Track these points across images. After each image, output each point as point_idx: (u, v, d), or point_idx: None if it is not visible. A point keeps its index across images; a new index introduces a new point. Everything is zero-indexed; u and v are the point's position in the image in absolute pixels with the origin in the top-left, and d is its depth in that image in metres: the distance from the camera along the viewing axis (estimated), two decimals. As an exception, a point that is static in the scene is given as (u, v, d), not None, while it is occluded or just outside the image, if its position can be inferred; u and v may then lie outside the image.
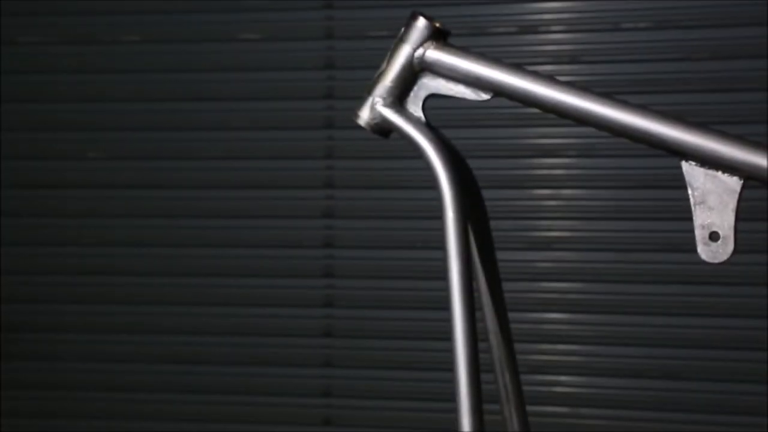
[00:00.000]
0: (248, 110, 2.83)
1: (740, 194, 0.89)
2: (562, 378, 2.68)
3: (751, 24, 2.56)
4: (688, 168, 0.90)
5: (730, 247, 0.89)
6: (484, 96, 0.97)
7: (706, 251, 0.90)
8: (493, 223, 1.08)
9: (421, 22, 0.97)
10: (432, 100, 0.98)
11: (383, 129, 0.98)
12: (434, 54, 0.97)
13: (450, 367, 0.91)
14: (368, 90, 0.99)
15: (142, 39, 2.89)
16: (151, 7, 2.88)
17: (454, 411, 0.90)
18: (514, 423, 1.11)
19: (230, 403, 2.84)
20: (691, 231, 0.89)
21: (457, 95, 0.97)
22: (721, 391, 2.59)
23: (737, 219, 0.89)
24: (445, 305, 0.91)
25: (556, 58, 2.68)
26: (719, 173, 0.89)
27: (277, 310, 2.82)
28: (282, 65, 2.82)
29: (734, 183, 0.89)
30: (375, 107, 0.98)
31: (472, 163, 1.04)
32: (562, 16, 2.67)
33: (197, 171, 2.86)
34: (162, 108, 2.87)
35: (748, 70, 2.57)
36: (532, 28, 2.70)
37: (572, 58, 2.68)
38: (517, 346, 1.11)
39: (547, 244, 2.69)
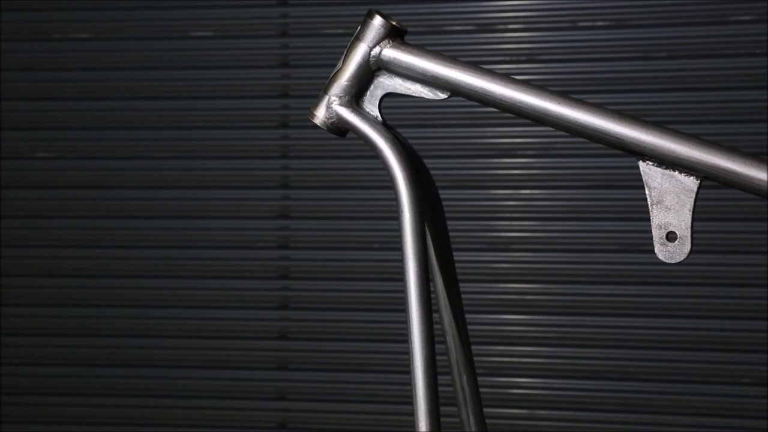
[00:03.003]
0: (201, 109, 2.81)
1: (697, 194, 0.89)
2: (520, 380, 2.68)
3: (708, 23, 2.58)
4: (645, 168, 0.90)
5: (687, 247, 0.89)
6: (441, 95, 0.96)
7: (663, 251, 0.89)
8: (450, 224, 1.07)
9: (377, 21, 0.96)
10: (389, 99, 0.97)
11: (339, 128, 0.97)
12: (391, 52, 0.96)
13: (407, 369, 0.90)
14: (324, 89, 0.97)
15: (92, 36, 2.86)
16: (101, 4, 2.84)
17: (411, 413, 0.89)
18: (471, 425, 1.10)
19: (185, 406, 2.81)
20: (649, 231, 0.89)
21: (414, 94, 0.97)
22: (678, 392, 2.60)
23: (694, 219, 0.89)
24: (402, 307, 0.90)
25: (514, 57, 2.68)
26: (676, 173, 0.89)
27: (231, 312, 2.80)
28: (236, 63, 2.80)
29: (691, 183, 0.89)
30: (331, 106, 0.97)
31: (429, 163, 1.03)
32: (519, 15, 2.68)
33: (149, 171, 2.83)
34: (113, 106, 2.84)
35: (706, 69, 2.58)
36: (490, 27, 2.70)
37: (530, 57, 2.68)
38: (475, 348, 1.11)
39: (505, 245, 2.69)
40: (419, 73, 0.95)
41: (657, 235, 0.89)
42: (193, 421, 2.81)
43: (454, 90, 0.95)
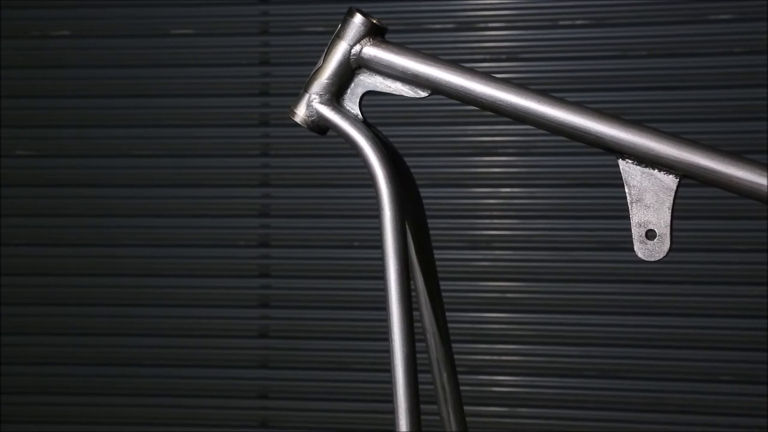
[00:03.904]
0: (182, 107, 2.80)
1: (676, 192, 0.89)
2: (501, 378, 2.68)
3: (687, 22, 2.59)
4: (625, 166, 0.90)
5: (667, 245, 0.89)
6: (422, 93, 0.96)
7: (642, 249, 0.90)
8: (430, 222, 1.07)
9: (357, 19, 0.96)
10: (369, 97, 0.97)
11: (320, 126, 0.97)
12: (371, 51, 0.96)
13: (387, 367, 0.90)
14: (304, 87, 0.97)
15: (72, 34, 2.85)
16: (81, 2, 2.83)
17: (392, 412, 0.89)
18: (451, 423, 1.10)
19: (165, 405, 2.80)
20: (629, 229, 0.89)
21: (395, 92, 0.97)
22: (658, 389, 2.61)
23: (673, 217, 0.89)
24: (383, 305, 0.90)
25: (494, 55, 2.68)
26: (655, 171, 0.89)
27: (212, 311, 2.79)
28: (216, 61, 2.79)
29: (670, 181, 0.89)
30: (311, 104, 0.97)
31: (409, 161, 1.03)
32: (499, 13, 2.68)
33: (130, 169, 2.82)
34: (93, 104, 2.83)
35: (685, 67, 2.59)
36: (470, 25, 2.70)
37: (510, 55, 2.68)
38: (455, 346, 1.11)
39: (486, 243, 2.70)
40: (399, 71, 0.95)
41: (636, 233, 0.90)
42: (173, 420, 2.80)
43: (435, 88, 0.95)
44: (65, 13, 2.84)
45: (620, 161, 0.90)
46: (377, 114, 1.00)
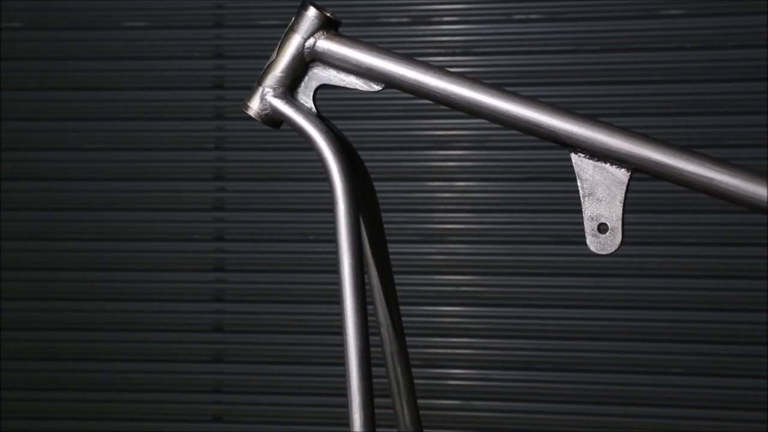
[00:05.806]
0: (135, 100, 2.78)
1: (628, 186, 0.90)
2: (454, 371, 2.69)
3: (640, 17, 2.61)
4: (578, 160, 0.91)
5: (618, 238, 0.90)
6: (376, 87, 0.96)
7: (594, 243, 0.90)
8: (385, 216, 1.07)
9: (311, 12, 0.96)
10: (323, 90, 0.97)
11: (274, 120, 0.97)
12: (325, 44, 0.96)
13: (342, 361, 0.90)
14: (258, 80, 0.97)
15: (24, 25, 2.82)
16: (33, -7, 2.81)
17: (346, 406, 0.89)
18: (405, 417, 1.11)
19: (119, 400, 2.79)
20: (582, 223, 0.90)
21: (349, 86, 0.96)
22: (610, 382, 2.63)
23: (625, 211, 0.90)
24: (337, 299, 0.90)
25: (449, 49, 2.69)
26: (607, 165, 0.90)
27: (165, 305, 2.78)
28: (170, 54, 2.77)
29: (622, 175, 0.90)
30: (265, 98, 0.97)
31: (363, 155, 1.03)
32: (454, 7, 2.69)
33: (83, 162, 2.79)
34: (45, 97, 2.80)
35: (637, 62, 2.61)
36: (425, 19, 2.70)
37: (464, 49, 2.69)
38: (409, 340, 1.11)
39: (440, 237, 2.70)
40: (353, 64, 0.95)
41: (588, 226, 0.90)
42: (127, 414, 2.78)
43: (388, 82, 0.95)
44: (17, 4, 2.80)
45: (573, 155, 0.91)
46: (331, 107, 1.00)
